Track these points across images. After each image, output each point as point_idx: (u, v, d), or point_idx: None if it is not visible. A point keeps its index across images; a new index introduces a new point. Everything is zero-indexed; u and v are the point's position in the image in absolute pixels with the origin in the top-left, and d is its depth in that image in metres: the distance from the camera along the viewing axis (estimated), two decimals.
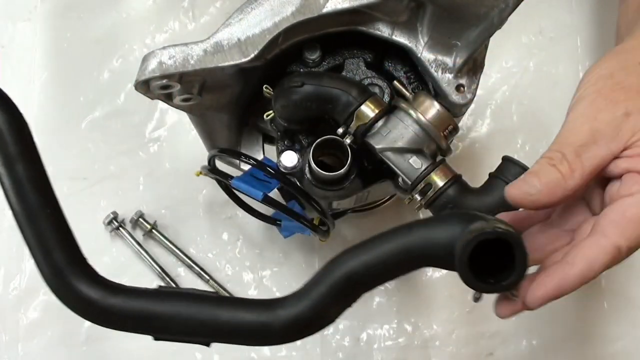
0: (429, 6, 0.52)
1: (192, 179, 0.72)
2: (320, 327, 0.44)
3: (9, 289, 0.78)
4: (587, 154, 0.43)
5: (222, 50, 0.51)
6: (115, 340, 0.77)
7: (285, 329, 0.42)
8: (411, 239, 0.41)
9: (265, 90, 0.56)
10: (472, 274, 0.39)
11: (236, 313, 0.42)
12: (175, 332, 0.44)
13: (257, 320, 0.42)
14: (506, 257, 0.38)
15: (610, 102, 0.44)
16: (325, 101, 0.53)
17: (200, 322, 0.43)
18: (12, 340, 0.77)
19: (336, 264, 0.42)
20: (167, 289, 0.45)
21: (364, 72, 0.57)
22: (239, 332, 0.43)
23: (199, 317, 0.43)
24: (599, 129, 0.43)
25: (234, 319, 0.42)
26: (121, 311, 0.43)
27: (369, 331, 0.77)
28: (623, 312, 0.78)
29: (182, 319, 0.43)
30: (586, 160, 0.43)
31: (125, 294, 0.44)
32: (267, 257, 0.79)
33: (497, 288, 0.40)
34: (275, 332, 0.42)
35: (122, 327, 0.44)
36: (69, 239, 0.44)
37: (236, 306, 0.43)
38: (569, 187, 0.43)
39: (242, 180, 0.59)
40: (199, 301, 0.43)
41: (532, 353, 0.77)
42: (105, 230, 0.79)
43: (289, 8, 0.51)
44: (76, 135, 0.83)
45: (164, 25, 0.86)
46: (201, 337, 0.44)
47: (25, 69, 0.85)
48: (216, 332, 0.43)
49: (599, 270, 0.41)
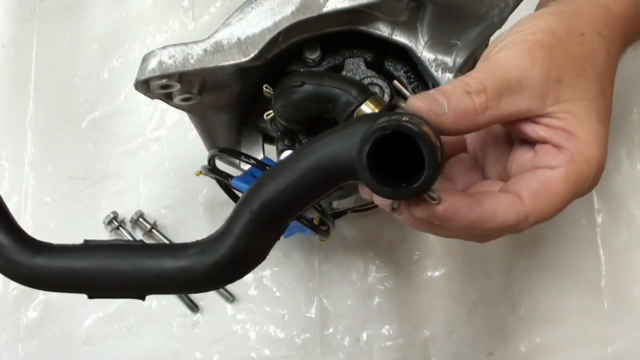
0: (429, 6, 0.52)
1: (192, 179, 0.72)
2: (247, 266, 0.41)
3: (9, 289, 0.78)
4: (507, 99, 0.40)
5: (222, 49, 0.51)
6: (115, 340, 0.77)
7: (210, 273, 0.40)
8: (319, 154, 0.37)
9: (265, 90, 0.56)
10: (374, 176, 0.34)
11: (159, 261, 0.40)
12: (103, 287, 0.41)
13: (180, 266, 0.40)
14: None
15: (548, 59, 0.41)
16: (326, 101, 0.53)
17: (125, 272, 0.40)
18: (12, 340, 0.77)
19: (249, 197, 0.39)
20: (92, 243, 0.42)
21: (364, 72, 0.57)
22: (164, 280, 0.40)
23: (122, 267, 0.40)
24: (529, 80, 0.40)
25: (156, 267, 0.40)
26: (46, 270, 0.40)
27: (369, 331, 0.77)
28: (623, 312, 0.78)
29: (107, 272, 0.40)
30: (504, 104, 0.40)
31: (49, 251, 0.41)
32: (267, 257, 0.79)
33: (409, 192, 0.35)
34: (200, 277, 0.40)
35: (49, 287, 0.42)
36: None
37: (159, 253, 0.41)
38: (476, 122, 0.40)
39: (242, 180, 0.59)
40: (123, 251, 0.41)
41: (532, 353, 0.77)
42: (105, 230, 0.79)
43: (289, 8, 0.51)
44: (76, 135, 0.83)
45: (164, 25, 0.86)
46: (129, 290, 0.41)
47: (25, 69, 0.85)
48: (141, 282, 0.40)
49: (498, 226, 0.39)
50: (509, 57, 0.41)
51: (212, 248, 0.40)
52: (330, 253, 0.79)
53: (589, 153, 0.41)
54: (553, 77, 0.41)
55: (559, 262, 0.79)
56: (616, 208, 0.80)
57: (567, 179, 0.40)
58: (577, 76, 0.41)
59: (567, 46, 0.42)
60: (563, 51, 0.42)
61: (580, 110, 0.41)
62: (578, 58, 0.42)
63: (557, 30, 0.42)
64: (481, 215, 0.39)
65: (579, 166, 0.40)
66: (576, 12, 0.45)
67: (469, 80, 0.40)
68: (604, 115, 0.42)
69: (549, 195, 0.40)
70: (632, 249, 0.79)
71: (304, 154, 0.38)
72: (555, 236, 0.80)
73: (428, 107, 0.39)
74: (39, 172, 0.81)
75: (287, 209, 0.40)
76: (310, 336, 0.77)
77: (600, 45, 0.43)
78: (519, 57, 0.41)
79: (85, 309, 0.78)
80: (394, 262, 0.79)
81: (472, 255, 0.79)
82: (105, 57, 0.85)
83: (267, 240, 0.41)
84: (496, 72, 0.40)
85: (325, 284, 0.79)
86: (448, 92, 0.39)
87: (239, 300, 0.78)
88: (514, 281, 0.79)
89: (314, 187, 0.39)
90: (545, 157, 0.41)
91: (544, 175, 0.40)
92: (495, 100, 0.40)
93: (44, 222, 0.79)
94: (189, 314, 0.78)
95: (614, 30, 0.45)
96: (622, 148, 0.81)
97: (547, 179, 0.40)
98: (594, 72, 0.42)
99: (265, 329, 0.78)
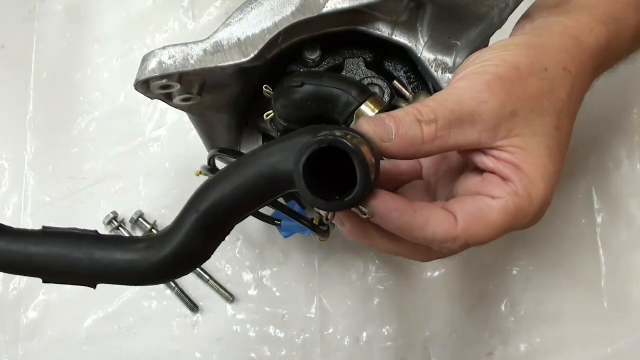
0: (429, 6, 0.52)
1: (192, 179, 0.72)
2: (191, 264, 0.43)
3: (9, 289, 0.78)
4: (458, 130, 0.40)
5: (222, 50, 0.51)
6: (115, 340, 0.77)
7: (156, 269, 0.41)
8: (263, 162, 0.39)
9: (265, 90, 0.56)
10: (309, 187, 0.36)
11: (109, 252, 0.42)
12: (56, 272, 0.42)
13: (128, 259, 0.41)
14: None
15: (505, 94, 0.41)
16: (326, 101, 0.53)
17: (77, 261, 0.42)
18: (12, 340, 0.77)
19: (198, 197, 0.41)
20: (50, 230, 0.44)
21: (364, 72, 0.57)
22: (112, 271, 0.42)
23: (74, 256, 0.42)
24: (483, 114, 0.40)
25: (106, 258, 0.41)
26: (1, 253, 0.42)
27: (369, 331, 0.77)
28: (623, 312, 0.78)
29: (60, 259, 0.42)
30: (454, 136, 0.40)
31: (9, 234, 0.43)
32: (267, 257, 0.79)
33: (340, 205, 0.37)
34: (146, 271, 0.41)
35: (4, 269, 0.43)
36: None
37: (110, 245, 0.42)
38: (422, 152, 0.40)
39: None
40: (77, 240, 0.42)
41: (532, 353, 0.77)
42: (105, 230, 0.79)
43: (289, 8, 0.51)
44: (76, 135, 0.83)
45: (164, 25, 0.86)
46: (81, 278, 0.43)
47: (25, 69, 0.85)
48: (92, 271, 0.42)
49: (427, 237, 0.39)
50: (466, 88, 0.41)
51: (159, 244, 0.41)
52: (330, 253, 0.79)
53: (534, 189, 0.40)
54: (508, 111, 0.41)
55: (559, 262, 0.79)
56: (616, 208, 0.80)
57: (506, 210, 0.40)
58: (532, 111, 0.41)
59: (528, 81, 0.42)
60: (523, 86, 0.42)
61: (531, 145, 0.41)
62: (537, 93, 0.42)
63: (520, 64, 0.42)
64: (412, 221, 0.39)
65: (521, 200, 0.40)
66: (544, 44, 0.45)
67: (422, 109, 0.40)
68: (558, 152, 0.42)
69: (483, 222, 0.40)
70: (632, 249, 0.79)
71: (250, 161, 0.40)
72: (555, 236, 0.80)
73: (374, 132, 0.40)
74: (39, 172, 0.81)
75: (232, 212, 0.41)
76: (310, 336, 0.77)
77: (563, 81, 0.43)
78: (477, 90, 0.41)
79: (85, 309, 0.78)
80: (394, 262, 0.79)
81: (472, 256, 0.79)
82: (105, 57, 0.85)
83: (212, 241, 0.42)
84: (451, 102, 0.41)
85: (325, 284, 0.79)
86: (399, 118, 0.40)
87: (239, 300, 0.78)
88: (514, 281, 0.79)
89: (257, 194, 0.40)
90: (490, 186, 0.41)
91: (483, 203, 0.40)
92: (445, 131, 0.40)
93: (44, 222, 0.79)
94: (189, 314, 0.78)
95: (582, 64, 0.45)
96: (622, 148, 0.81)
97: (484, 207, 0.40)
98: (552, 107, 0.42)
99: (265, 329, 0.78)
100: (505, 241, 0.79)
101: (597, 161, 0.81)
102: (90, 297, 0.78)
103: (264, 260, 0.79)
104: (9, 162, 0.82)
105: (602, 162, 0.81)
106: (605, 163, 0.81)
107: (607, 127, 0.81)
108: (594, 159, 0.81)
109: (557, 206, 0.81)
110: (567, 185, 0.81)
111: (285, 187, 0.39)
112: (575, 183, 0.81)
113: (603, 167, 0.81)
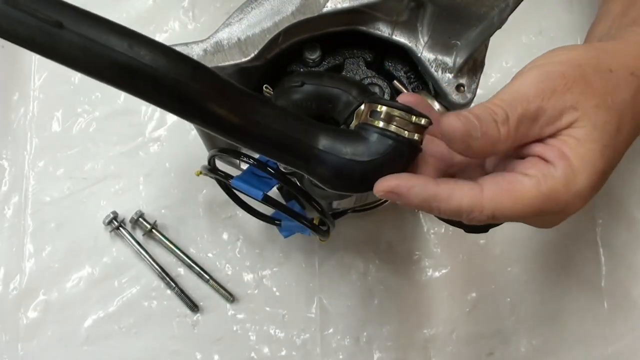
0: (429, 6, 0.52)
1: (192, 179, 0.72)
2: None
3: (9, 289, 0.78)
4: (524, 127, 0.41)
5: (222, 49, 0.51)
6: (115, 340, 0.77)
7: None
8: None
9: (265, 90, 0.56)
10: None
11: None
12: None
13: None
14: None
15: (568, 89, 0.41)
16: (326, 101, 0.53)
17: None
18: (12, 340, 0.77)
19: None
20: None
21: (364, 72, 0.57)
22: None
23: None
24: (546, 109, 0.41)
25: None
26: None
27: (369, 331, 0.77)
28: (623, 312, 0.78)
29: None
30: (521, 132, 0.41)
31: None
32: (267, 257, 0.79)
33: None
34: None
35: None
36: None
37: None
38: (497, 150, 0.41)
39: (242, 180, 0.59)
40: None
41: (532, 353, 0.77)
42: (105, 230, 0.79)
43: (289, 7, 0.51)
44: (76, 135, 0.83)
45: (164, 25, 0.86)
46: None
47: (25, 69, 0.85)
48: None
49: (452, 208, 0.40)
50: (531, 85, 0.42)
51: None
52: (330, 253, 0.79)
53: (574, 178, 0.40)
54: (569, 105, 0.41)
55: (559, 262, 0.79)
56: (616, 208, 0.80)
57: (537, 188, 0.40)
58: (596, 106, 0.41)
59: (591, 79, 0.42)
60: (585, 83, 0.42)
61: (587, 137, 0.41)
62: (600, 91, 0.42)
63: (583, 63, 0.43)
64: (436, 193, 0.40)
65: (555, 184, 0.40)
66: (613, 49, 0.45)
67: (495, 109, 0.41)
68: (612, 152, 0.42)
69: (512, 195, 0.40)
70: (632, 249, 0.79)
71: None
72: (555, 236, 0.80)
73: (465, 129, 0.40)
74: (39, 172, 0.81)
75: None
76: (310, 336, 0.77)
77: (629, 84, 0.43)
78: (542, 87, 0.41)
79: (85, 309, 0.78)
80: (394, 262, 0.79)
81: (472, 255, 0.79)
82: None
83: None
84: (519, 100, 0.41)
85: (325, 284, 0.79)
86: (480, 117, 0.40)
87: (239, 300, 0.78)
88: (514, 281, 0.79)
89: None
90: (528, 164, 0.41)
91: (515, 178, 0.40)
92: (514, 131, 0.41)
93: (44, 222, 0.79)
94: (189, 314, 0.78)
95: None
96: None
97: (515, 181, 0.40)
98: (616, 106, 0.42)
99: (265, 329, 0.78)
100: (505, 241, 0.80)
101: None
102: (90, 297, 0.78)
103: (264, 260, 0.79)
104: (9, 162, 0.82)
105: None
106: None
107: None
108: None
109: None
110: None
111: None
112: None
113: None
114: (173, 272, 0.78)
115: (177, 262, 0.79)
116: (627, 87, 0.43)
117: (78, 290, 0.78)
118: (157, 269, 0.77)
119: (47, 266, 0.79)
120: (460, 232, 0.53)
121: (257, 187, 0.58)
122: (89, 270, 0.79)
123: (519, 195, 0.40)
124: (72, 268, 0.79)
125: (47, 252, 0.79)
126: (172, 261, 0.79)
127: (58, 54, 0.38)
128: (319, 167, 0.42)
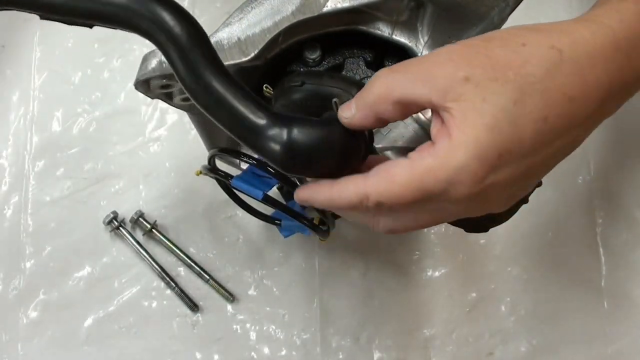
0: (429, 5, 0.52)
1: (192, 179, 0.72)
2: None
3: (9, 289, 0.78)
4: (410, 85, 0.41)
5: (222, 49, 0.51)
6: (115, 340, 0.77)
7: None
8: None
9: (266, 90, 0.56)
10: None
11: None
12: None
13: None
14: None
15: (464, 60, 0.40)
16: (326, 100, 0.53)
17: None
18: (12, 340, 0.77)
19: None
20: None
21: (364, 72, 0.57)
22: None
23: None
24: (436, 75, 0.40)
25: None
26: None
27: (369, 331, 0.77)
28: (623, 312, 0.78)
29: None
30: (403, 87, 0.41)
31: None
32: (267, 257, 0.79)
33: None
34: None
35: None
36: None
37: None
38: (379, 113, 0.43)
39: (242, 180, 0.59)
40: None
41: (532, 353, 0.77)
42: (105, 230, 0.79)
43: (289, 7, 0.51)
44: (76, 135, 0.83)
45: None
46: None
47: (25, 69, 0.85)
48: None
49: (347, 204, 0.42)
50: (433, 53, 0.42)
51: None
52: (330, 253, 0.79)
53: (452, 154, 0.39)
54: (461, 75, 0.40)
55: (559, 262, 0.79)
56: (616, 208, 0.80)
57: (411, 167, 0.40)
58: (494, 80, 0.40)
59: (494, 52, 0.41)
60: (487, 56, 0.40)
61: (475, 112, 0.39)
62: (501, 64, 0.40)
63: (493, 37, 0.42)
64: (329, 195, 0.43)
65: (430, 162, 0.39)
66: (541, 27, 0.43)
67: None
68: (507, 127, 0.39)
69: (387, 179, 0.40)
70: (632, 249, 0.79)
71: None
72: (555, 236, 0.80)
73: (340, 115, 0.44)
74: (39, 172, 0.81)
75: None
76: (310, 336, 0.77)
77: (544, 58, 0.41)
78: (440, 55, 0.41)
79: (85, 308, 0.78)
80: (394, 262, 0.79)
81: (472, 255, 0.79)
82: (105, 57, 0.85)
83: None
84: (412, 65, 0.42)
85: (325, 284, 0.79)
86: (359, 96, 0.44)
87: (239, 300, 0.78)
88: (514, 281, 0.79)
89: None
90: (420, 148, 0.41)
91: (395, 162, 0.41)
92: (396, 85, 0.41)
93: (44, 222, 0.79)
94: (189, 314, 0.78)
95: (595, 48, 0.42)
96: (623, 147, 0.81)
97: (392, 165, 0.40)
98: (517, 80, 0.40)
99: (265, 328, 0.78)
100: (505, 241, 0.80)
101: (597, 161, 0.81)
102: (90, 297, 0.78)
103: (264, 260, 0.79)
104: (9, 162, 0.82)
105: (603, 162, 0.81)
106: (606, 163, 0.81)
107: (607, 126, 0.81)
108: (594, 159, 0.81)
109: (557, 206, 0.81)
110: (567, 185, 0.81)
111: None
112: (575, 183, 0.81)
113: (603, 167, 0.81)
114: (173, 272, 0.78)
115: (177, 262, 0.79)
116: (540, 61, 0.41)
117: (78, 290, 0.78)
118: (157, 268, 0.77)
119: (47, 266, 0.79)
120: (461, 232, 0.53)
121: (257, 186, 0.58)
122: (89, 270, 0.79)
123: (393, 179, 0.40)
124: (72, 268, 0.79)
125: (47, 252, 0.79)
126: (172, 261, 0.79)
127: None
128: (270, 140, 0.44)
